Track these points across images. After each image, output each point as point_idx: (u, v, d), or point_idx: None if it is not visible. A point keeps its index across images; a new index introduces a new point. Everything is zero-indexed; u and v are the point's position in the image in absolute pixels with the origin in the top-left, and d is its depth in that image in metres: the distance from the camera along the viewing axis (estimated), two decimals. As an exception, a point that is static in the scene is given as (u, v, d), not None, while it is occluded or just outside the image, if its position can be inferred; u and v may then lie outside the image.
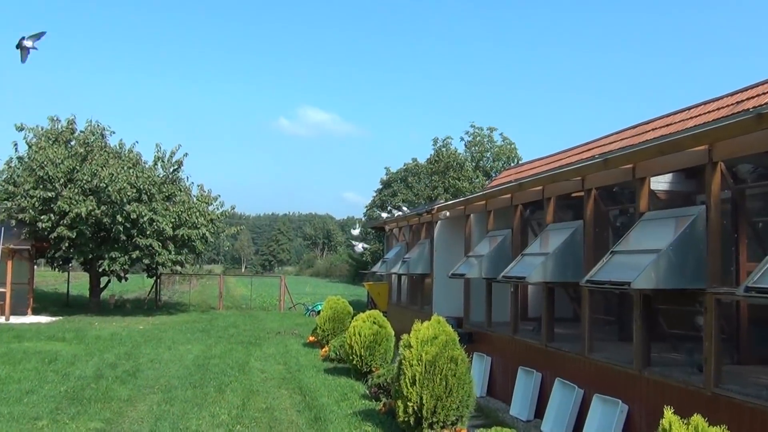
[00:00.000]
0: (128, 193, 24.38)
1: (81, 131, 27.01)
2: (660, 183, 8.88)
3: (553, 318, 10.55)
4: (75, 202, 24.46)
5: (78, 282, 39.40)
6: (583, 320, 9.30)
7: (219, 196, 27.86)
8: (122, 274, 26.95)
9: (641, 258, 7.38)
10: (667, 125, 13.66)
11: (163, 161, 27.07)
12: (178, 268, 27.08)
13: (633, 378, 7.95)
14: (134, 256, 25.31)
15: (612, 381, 8.38)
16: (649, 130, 14.33)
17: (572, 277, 9.64)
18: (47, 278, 49.16)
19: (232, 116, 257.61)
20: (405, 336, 8.66)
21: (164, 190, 26.06)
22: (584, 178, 9.56)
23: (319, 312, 21.86)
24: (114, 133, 28.82)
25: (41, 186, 24.84)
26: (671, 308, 9.33)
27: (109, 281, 28.86)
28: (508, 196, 12.33)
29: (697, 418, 5.04)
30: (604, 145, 15.85)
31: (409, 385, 8.24)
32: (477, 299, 13.90)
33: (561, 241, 9.83)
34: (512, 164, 40.14)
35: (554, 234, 10.32)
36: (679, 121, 13.31)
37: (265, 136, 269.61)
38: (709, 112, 12.49)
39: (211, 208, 27.32)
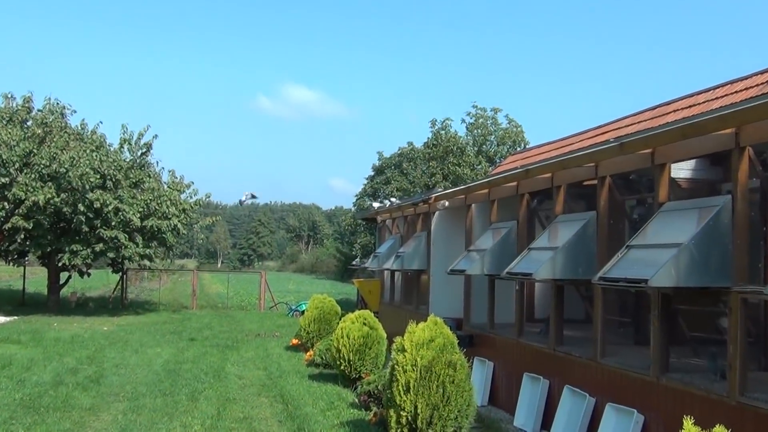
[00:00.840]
0: (91, 180, 24.26)
1: (39, 110, 26.84)
2: (681, 170, 8.90)
3: (563, 319, 10.59)
4: (32, 189, 24.33)
5: (35, 278, 39.25)
6: (595, 322, 9.33)
7: (192, 183, 27.73)
8: (84, 270, 26.85)
9: (660, 253, 7.40)
10: (690, 106, 13.68)
11: (130, 144, 26.94)
12: (147, 262, 27.02)
13: (650, 385, 7.98)
14: (98, 249, 25.22)
15: (627, 389, 8.41)
16: (670, 112, 14.35)
17: (584, 274, 9.67)
18: (1, 274, 48.96)
19: (206, 95, 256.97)
20: (398, 339, 8.67)
21: (131, 176, 25.96)
22: (598, 165, 9.57)
23: (303, 312, 21.84)
24: (75, 112, 28.66)
25: (-7, 171, 24.68)
26: (692, 308, 9.37)
27: (69, 277, 28.75)
28: (514, 184, 12.34)
29: (720, 430, 5.06)
30: (620, 128, 15.86)
31: (402, 392, 8.25)
32: (478, 298, 13.93)
33: (572, 234, 9.85)
34: (518, 149, 40.15)
35: (564, 226, 10.34)
36: (703, 102, 13.33)
37: (243, 117, 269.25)
38: (736, 92, 12.50)
39: (183, 196, 27.22)
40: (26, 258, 29.13)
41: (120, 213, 24.89)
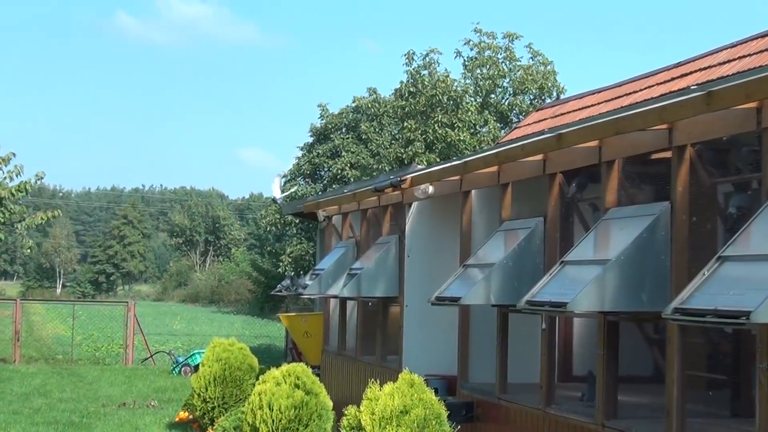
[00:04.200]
0: None
1: None
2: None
3: (617, 377, 10.66)
4: None
5: None
6: (668, 380, 9.42)
7: (14, 155, 27.48)
8: None
9: (771, 269, 7.49)
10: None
11: None
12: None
13: (755, 483, 8.09)
14: None
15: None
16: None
17: (650, 304, 9.73)
18: None
19: (37, 15, 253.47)
20: (351, 410, 8.68)
21: None
22: (673, 127, 9.64)
23: (197, 367, 21.71)
24: None
25: None
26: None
27: None
28: (540, 157, 12.39)
29: None
30: (707, 68, 16.03)
31: (357, 498, 8.26)
32: (482, 344, 13.98)
33: (632, 239, 9.91)
34: (548, 100, 40.28)
35: (620, 226, 10.40)
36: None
37: (94, 46, 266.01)
38: None
39: (-3, 177, 26.92)
40: None
41: None
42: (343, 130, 51.99)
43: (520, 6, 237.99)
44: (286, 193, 35.93)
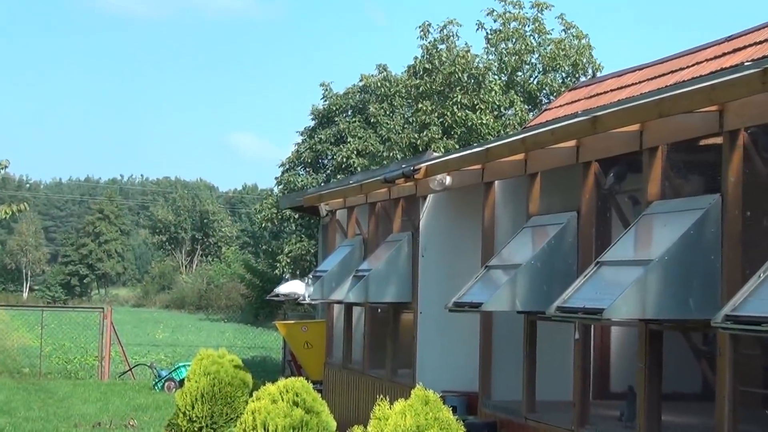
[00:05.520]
0: None
1: None
2: None
3: (661, 393, 10.66)
4: None
5: None
6: (719, 397, 9.42)
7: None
8: None
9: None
10: None
11: None
12: None
13: None
14: None
15: None
16: None
17: (698, 311, 9.72)
18: None
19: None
20: (357, 431, 8.67)
21: None
22: (723, 109, 9.63)
23: (182, 382, 21.75)
24: None
25: None
26: None
27: None
28: (572, 144, 12.39)
29: None
30: (762, 42, 16.00)
31: None
32: (506, 356, 14.00)
33: (677, 237, 9.90)
34: (582, 78, 40.20)
35: (663, 222, 10.40)
36: None
37: (65, 19, 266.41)
38: None
39: (-44, 166, 27.05)
40: None
41: None
42: (349, 113, 51.97)
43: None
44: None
